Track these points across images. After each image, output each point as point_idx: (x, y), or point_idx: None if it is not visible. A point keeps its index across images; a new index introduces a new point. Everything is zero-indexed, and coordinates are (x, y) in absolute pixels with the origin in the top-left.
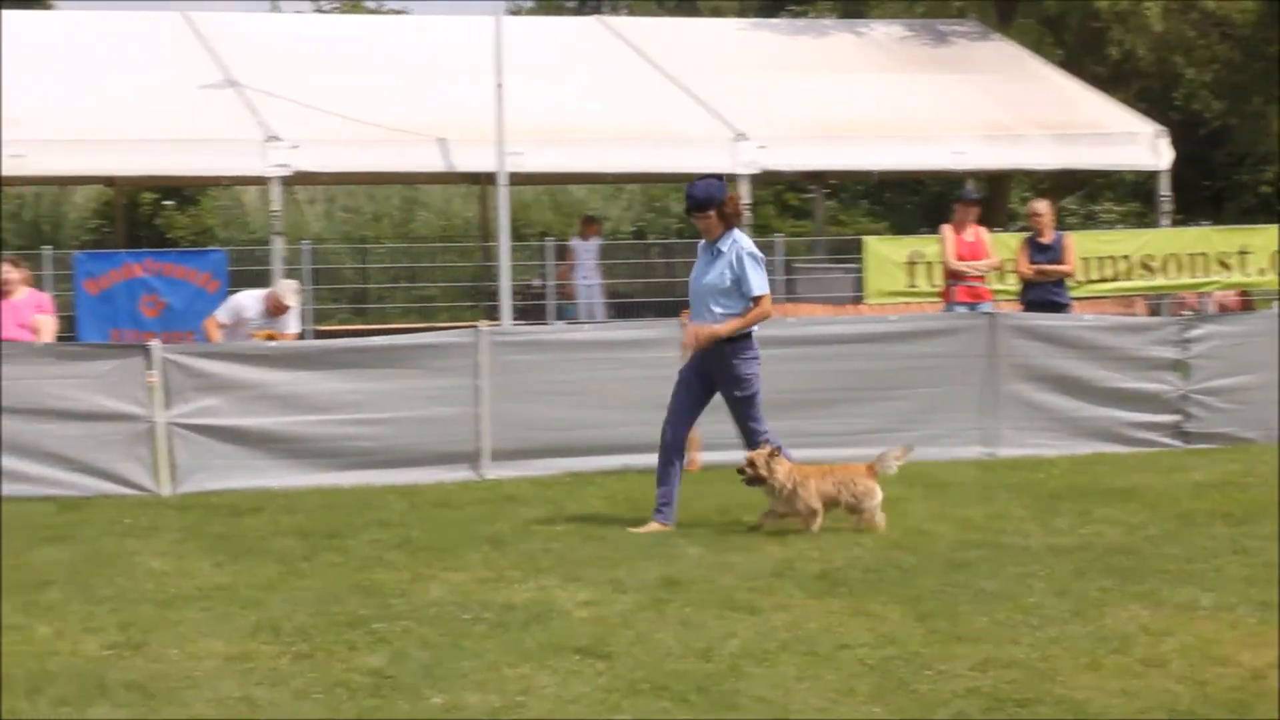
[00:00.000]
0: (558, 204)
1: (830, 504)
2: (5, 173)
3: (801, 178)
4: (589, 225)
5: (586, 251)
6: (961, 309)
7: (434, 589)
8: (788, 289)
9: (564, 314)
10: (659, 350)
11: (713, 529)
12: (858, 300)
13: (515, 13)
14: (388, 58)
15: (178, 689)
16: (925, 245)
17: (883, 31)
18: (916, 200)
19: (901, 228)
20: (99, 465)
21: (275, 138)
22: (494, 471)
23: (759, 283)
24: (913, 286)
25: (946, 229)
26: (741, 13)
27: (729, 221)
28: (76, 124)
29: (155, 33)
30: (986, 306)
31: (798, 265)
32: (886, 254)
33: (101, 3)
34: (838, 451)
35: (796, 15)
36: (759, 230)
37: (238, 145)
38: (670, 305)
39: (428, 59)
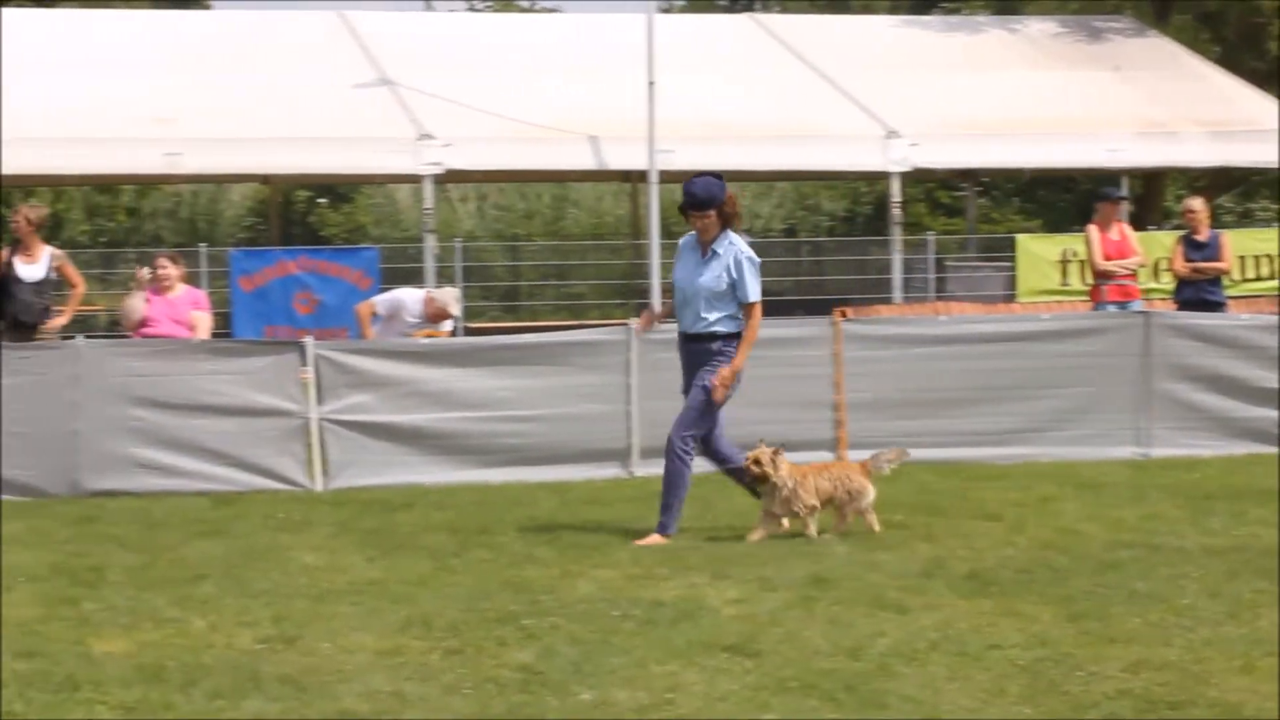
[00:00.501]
0: None
1: (827, 501)
2: (162, 170)
3: (953, 175)
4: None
5: None
6: (1111, 308)
7: (583, 586)
8: (938, 287)
9: None
10: (809, 349)
11: (859, 530)
12: (1010, 299)
13: (667, 11)
14: (539, 56)
15: (329, 683)
16: (1078, 243)
17: (1037, 28)
18: (1069, 198)
19: (1054, 226)
20: (253, 460)
21: (428, 136)
22: (643, 469)
23: (755, 289)
24: (1065, 285)
25: (1092, 229)
26: (893, 10)
27: (727, 222)
28: (233, 123)
29: (311, 32)
30: (1137, 305)
31: (949, 263)
32: (1039, 252)
33: (258, 2)
34: (990, 450)
35: (949, 12)
36: (910, 228)
37: (391, 144)
38: (821, 304)
39: (579, 57)
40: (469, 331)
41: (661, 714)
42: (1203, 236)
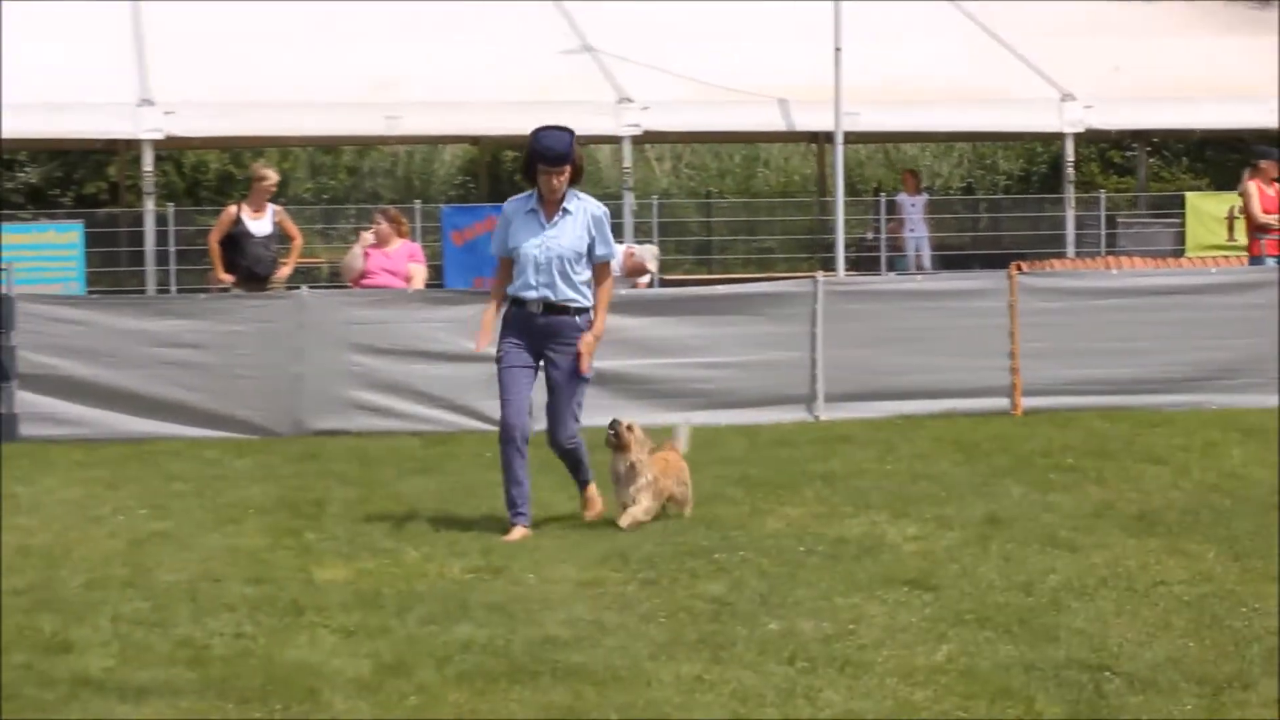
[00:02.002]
0: (890, 161)
1: (662, 492)
2: (382, 132)
3: (1125, 136)
4: (911, 179)
5: (913, 206)
6: (1271, 261)
7: (771, 522)
8: (1109, 242)
9: (895, 266)
10: (986, 300)
11: (1036, 470)
12: (1178, 253)
13: None
14: (732, 24)
15: (534, 610)
16: None
17: None
18: (1237, 158)
19: (1221, 184)
20: (463, 403)
21: (627, 99)
22: (828, 413)
23: (614, 246)
24: (1232, 240)
25: (1251, 185)
26: None
27: (576, 178)
28: (446, 88)
29: (520, 2)
30: None
31: (1120, 219)
32: (1207, 209)
33: None
34: (1157, 397)
35: None
36: (1082, 187)
37: (593, 107)
38: (997, 258)
39: (769, 25)
40: (664, 283)
41: (845, 644)
42: None
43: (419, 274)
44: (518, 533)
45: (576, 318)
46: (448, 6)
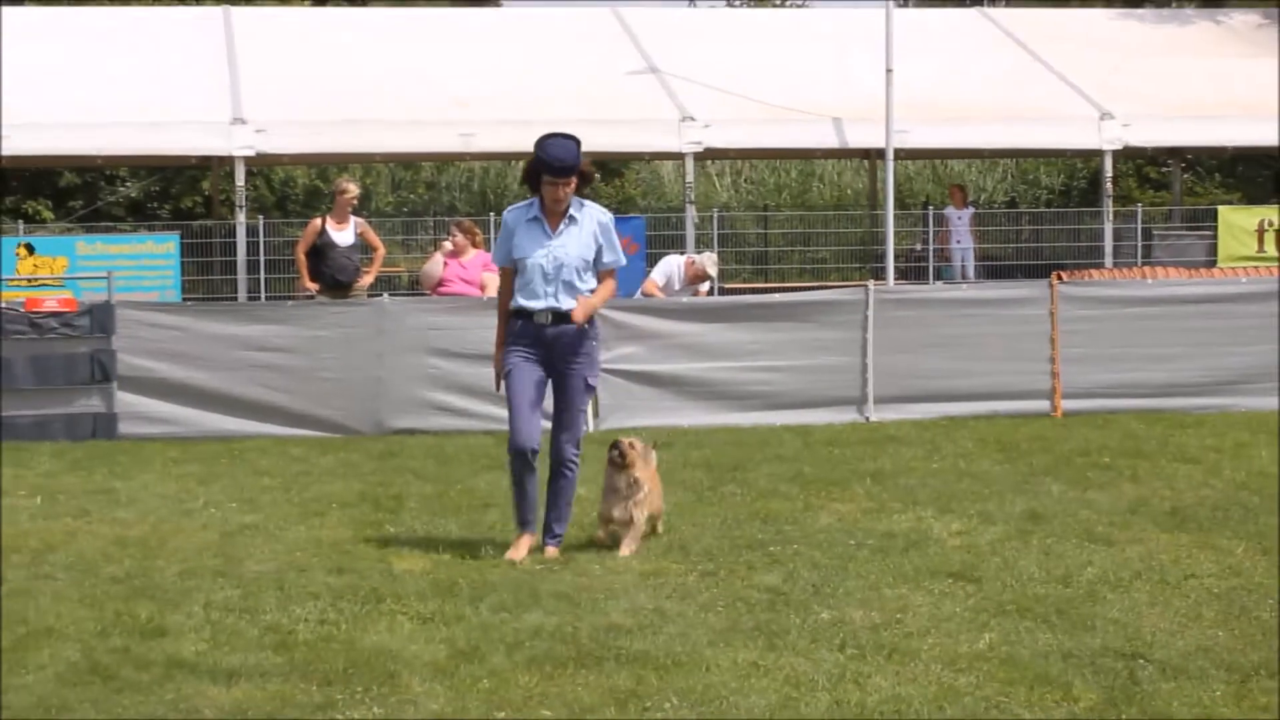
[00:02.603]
0: (938, 176)
1: (656, 512)
2: (458, 149)
3: (1161, 153)
4: (958, 193)
5: (959, 219)
6: None
7: (823, 517)
8: (1145, 253)
9: (942, 275)
10: (1028, 308)
11: (1074, 469)
12: (1211, 264)
13: (903, 5)
14: (788, 47)
15: (599, 599)
16: (1274, 214)
17: (1240, 19)
18: (1267, 174)
19: (1253, 199)
20: None
21: (690, 118)
22: (877, 414)
23: (621, 254)
24: (1261, 252)
25: None
26: (1109, 4)
27: (583, 188)
28: (517, 106)
29: (588, 26)
30: None
31: (1155, 232)
32: (1238, 222)
33: (542, 1)
34: (1190, 400)
35: (1160, 5)
36: (1120, 200)
37: (657, 125)
38: (1039, 268)
39: (824, 47)
40: (723, 291)
41: (892, 632)
42: None
43: (492, 282)
44: (525, 542)
45: (586, 326)
46: (519, 30)
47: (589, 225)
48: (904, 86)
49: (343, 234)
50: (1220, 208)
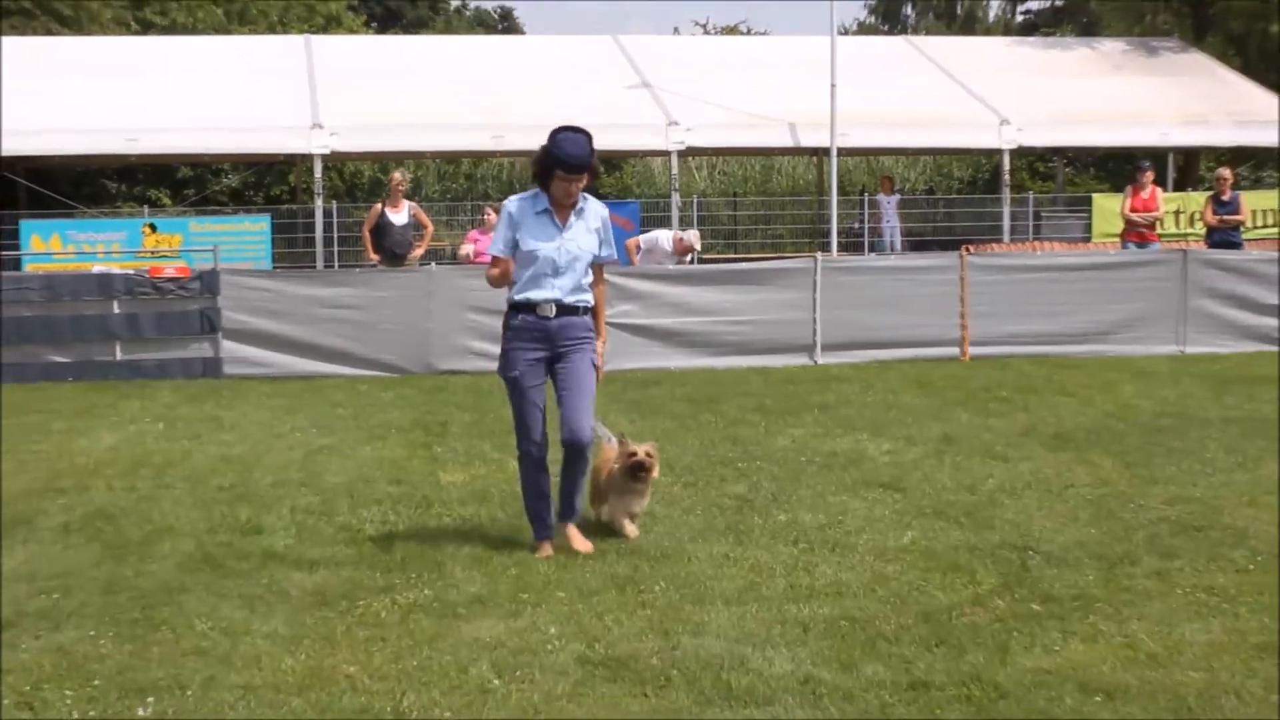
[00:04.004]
0: (872, 170)
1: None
2: (491, 148)
3: (1047, 151)
4: (887, 183)
5: (888, 204)
6: (1131, 247)
7: (780, 440)
8: (1035, 231)
9: (875, 248)
10: (942, 275)
11: (979, 401)
12: (1087, 240)
13: (844, 34)
14: (753, 66)
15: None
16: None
17: (1110, 46)
18: (1130, 168)
19: (1120, 188)
20: None
21: (675, 123)
22: (824, 359)
23: (615, 249)
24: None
25: (1128, 189)
26: (1007, 33)
27: (591, 182)
28: (538, 113)
29: (595, 50)
30: (1155, 247)
31: (1043, 214)
32: (1108, 207)
33: (561, 35)
34: (1071, 348)
35: (1048, 35)
36: (1015, 189)
37: (649, 128)
38: (952, 243)
39: (781, 66)
40: (702, 261)
41: (835, 531)
42: (1227, 196)
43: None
44: (548, 546)
45: (586, 316)
46: (539, 53)
47: (593, 220)
48: (845, 99)
49: (398, 215)
50: (1094, 195)
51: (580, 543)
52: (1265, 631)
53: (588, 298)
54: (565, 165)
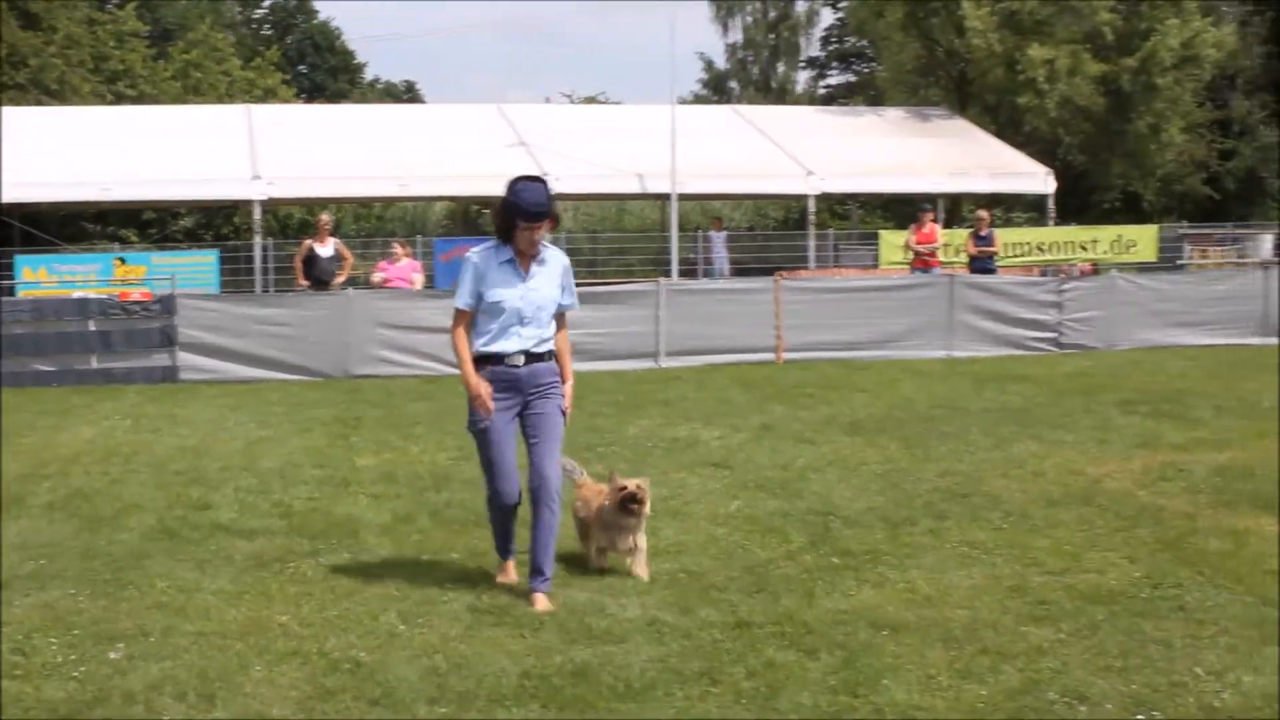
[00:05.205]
0: (705, 211)
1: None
2: (397, 194)
3: (845, 197)
4: (717, 222)
5: (718, 238)
6: (919, 273)
7: (631, 429)
8: (835, 260)
9: (708, 274)
10: (761, 295)
11: (790, 396)
12: (875, 266)
13: (683, 103)
14: (610, 128)
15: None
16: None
17: (893, 114)
18: (909, 209)
19: (901, 225)
20: (445, 358)
21: (546, 173)
22: (666, 363)
23: (575, 298)
24: (908, 260)
25: (912, 226)
26: (812, 103)
27: (552, 228)
28: (435, 164)
29: (481, 116)
30: (936, 272)
31: (841, 246)
32: (892, 240)
33: (454, 103)
34: (863, 353)
35: (844, 104)
36: (819, 226)
37: None
38: (768, 269)
39: (633, 128)
40: (579, 285)
41: (675, 501)
42: (985, 232)
43: (419, 280)
44: (511, 566)
45: (551, 361)
46: (436, 119)
47: (555, 268)
48: (683, 155)
49: (324, 249)
50: (881, 231)
51: (543, 604)
52: (1016, 577)
53: (551, 345)
54: (525, 214)
